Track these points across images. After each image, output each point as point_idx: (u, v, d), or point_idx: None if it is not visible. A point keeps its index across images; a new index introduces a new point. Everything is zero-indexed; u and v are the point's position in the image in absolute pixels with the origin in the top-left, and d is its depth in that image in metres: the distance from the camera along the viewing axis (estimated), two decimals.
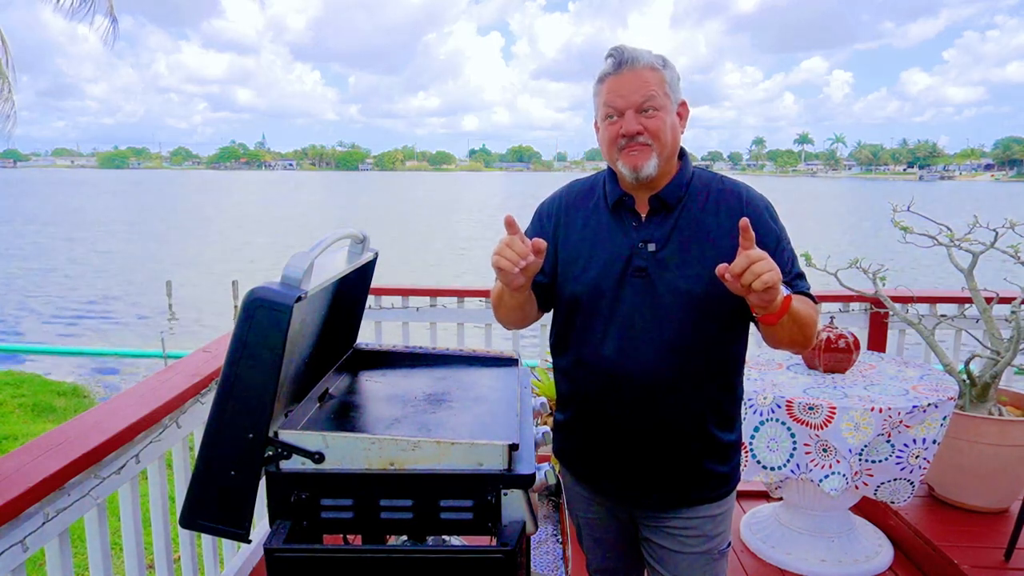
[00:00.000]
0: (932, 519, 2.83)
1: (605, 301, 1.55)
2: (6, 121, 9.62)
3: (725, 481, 1.64)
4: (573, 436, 1.70)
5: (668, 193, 1.54)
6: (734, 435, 1.65)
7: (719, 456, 1.61)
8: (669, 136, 1.51)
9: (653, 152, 1.49)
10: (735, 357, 1.60)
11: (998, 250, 2.87)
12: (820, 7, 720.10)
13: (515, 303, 1.61)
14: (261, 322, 1.33)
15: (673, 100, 1.52)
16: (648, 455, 1.59)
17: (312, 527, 1.44)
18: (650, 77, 1.48)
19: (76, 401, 8.51)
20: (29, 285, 19.42)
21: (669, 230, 1.53)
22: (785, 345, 1.50)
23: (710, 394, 1.57)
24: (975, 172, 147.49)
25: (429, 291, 3.52)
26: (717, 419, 1.59)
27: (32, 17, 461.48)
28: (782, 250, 1.53)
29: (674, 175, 1.56)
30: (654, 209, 1.55)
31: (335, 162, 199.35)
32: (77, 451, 1.65)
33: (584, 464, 1.70)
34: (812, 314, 1.50)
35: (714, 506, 1.63)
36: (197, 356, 2.48)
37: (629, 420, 1.57)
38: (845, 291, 3.21)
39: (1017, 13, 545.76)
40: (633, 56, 1.49)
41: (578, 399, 1.65)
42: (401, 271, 20.36)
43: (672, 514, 1.63)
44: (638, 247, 1.53)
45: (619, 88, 1.49)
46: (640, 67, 1.48)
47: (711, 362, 1.55)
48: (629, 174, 1.51)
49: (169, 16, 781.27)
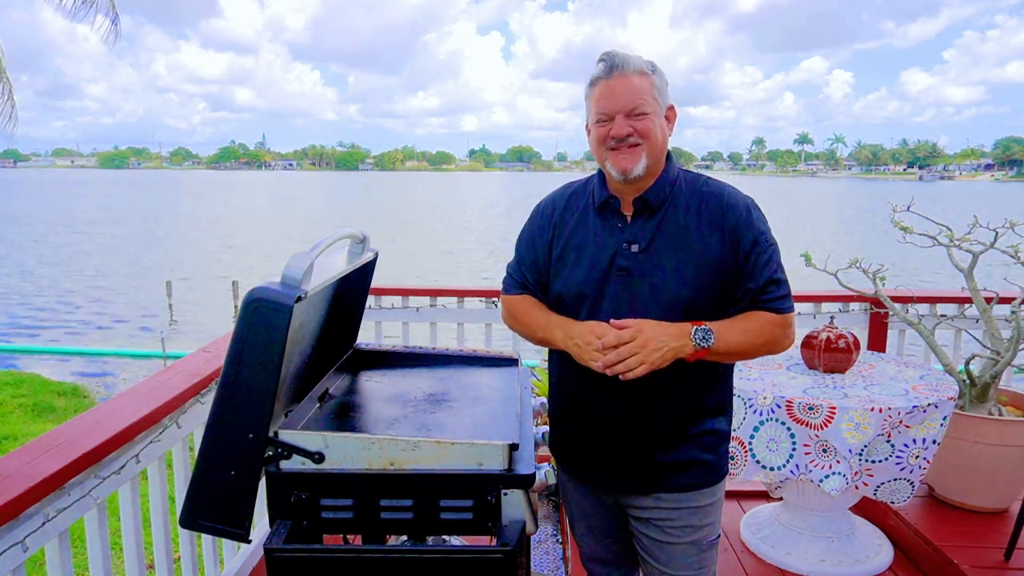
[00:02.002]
0: (932, 519, 2.83)
1: (588, 299, 1.59)
2: (8, 122, 9.61)
3: (711, 470, 1.66)
4: (562, 426, 1.74)
5: (652, 195, 1.58)
6: (721, 424, 1.67)
7: (704, 444, 1.64)
8: (659, 137, 1.56)
9: (643, 152, 1.54)
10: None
11: (998, 250, 2.87)
12: (820, 7, 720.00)
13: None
14: (261, 322, 1.33)
15: (661, 104, 1.57)
16: (629, 443, 1.62)
17: (312, 527, 1.44)
18: (639, 82, 1.53)
19: (76, 401, 8.51)
20: (29, 285, 19.42)
21: (652, 231, 1.57)
22: (747, 358, 1.64)
23: (691, 389, 1.60)
24: (975, 172, 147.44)
25: (429, 291, 3.52)
26: (700, 409, 1.62)
27: (30, 16, 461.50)
28: (759, 252, 1.55)
29: (658, 176, 1.60)
30: (638, 211, 1.60)
31: (335, 162, 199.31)
32: (77, 451, 1.65)
33: (573, 454, 1.74)
34: (757, 337, 1.55)
35: (700, 496, 1.66)
36: (197, 356, 2.48)
37: (610, 411, 1.61)
38: (845, 291, 3.20)
39: (1017, 13, 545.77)
40: (623, 61, 1.54)
41: (564, 392, 1.70)
42: (401, 271, 20.36)
43: (657, 503, 1.66)
44: (622, 247, 1.58)
45: (609, 93, 1.54)
46: (630, 72, 1.53)
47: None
48: (618, 175, 1.56)
49: (168, 16, 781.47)
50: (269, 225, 38.21)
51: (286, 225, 37.30)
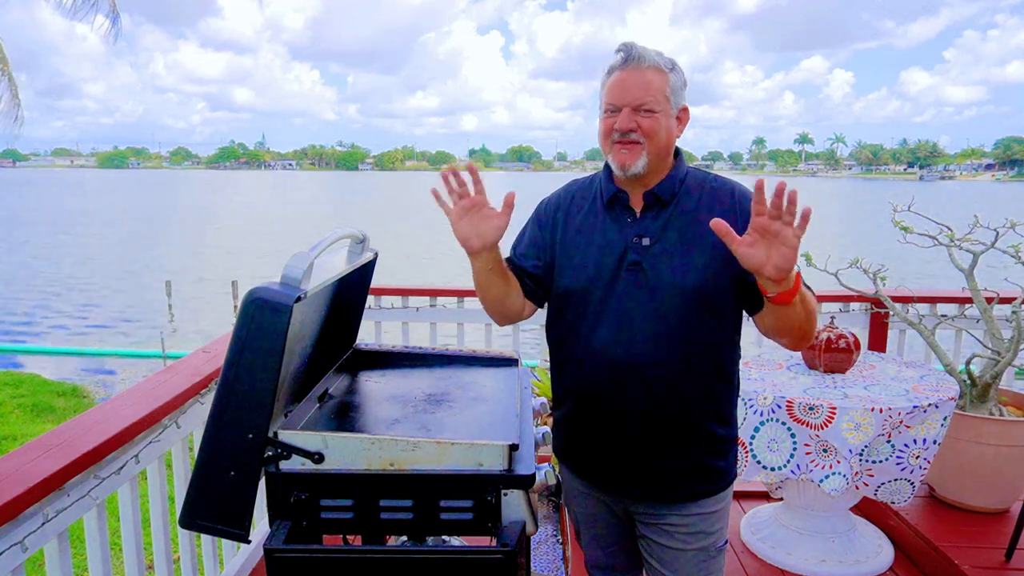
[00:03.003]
0: (932, 519, 2.83)
1: (598, 294, 1.57)
2: (14, 123, 9.61)
3: (721, 476, 1.64)
4: (570, 430, 1.71)
5: (662, 189, 1.57)
6: (731, 429, 1.66)
7: (715, 450, 1.62)
8: (663, 138, 1.53)
9: (643, 151, 1.52)
10: (729, 349, 1.62)
11: (998, 250, 2.87)
12: (820, 7, 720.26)
13: (493, 288, 1.63)
14: (261, 322, 1.32)
15: (673, 104, 1.54)
16: (642, 446, 1.60)
17: (312, 527, 1.44)
18: (653, 78, 1.51)
19: (76, 401, 8.51)
20: (29, 284, 19.41)
21: (663, 224, 1.56)
22: (788, 333, 1.50)
23: (704, 385, 1.58)
24: (976, 172, 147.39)
25: (429, 291, 3.51)
26: (712, 411, 1.60)
27: (28, 16, 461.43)
28: None
29: (668, 172, 1.59)
30: (648, 205, 1.58)
31: (335, 162, 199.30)
32: (76, 451, 1.65)
33: (581, 458, 1.71)
34: (815, 303, 1.52)
35: (710, 502, 1.64)
36: (197, 356, 2.48)
37: (623, 411, 1.58)
38: (845, 291, 3.20)
39: (1017, 12, 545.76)
40: (641, 54, 1.51)
41: (573, 393, 1.67)
42: (401, 271, 20.35)
43: (668, 510, 1.64)
44: (632, 242, 1.56)
45: (621, 84, 1.52)
46: (645, 66, 1.51)
47: (704, 354, 1.56)
48: (616, 170, 1.56)
49: (166, 15, 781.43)
50: (269, 225, 38.21)
51: (286, 225, 37.29)
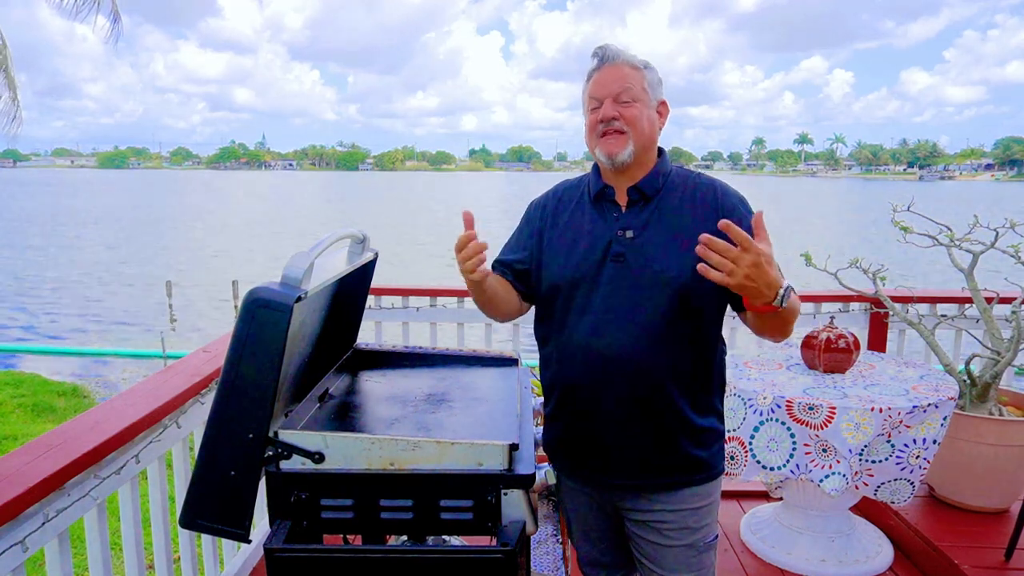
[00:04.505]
0: (932, 519, 2.83)
1: (584, 287, 1.61)
2: (12, 122, 9.61)
3: (703, 467, 1.65)
4: (556, 425, 1.73)
5: (646, 184, 1.62)
6: (714, 421, 1.67)
7: (696, 440, 1.63)
8: (645, 126, 1.59)
9: (629, 139, 1.58)
10: (711, 341, 1.64)
11: (998, 250, 2.87)
12: (820, 6, 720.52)
13: (488, 290, 1.67)
14: (261, 322, 1.33)
15: (652, 97, 1.62)
16: (621, 435, 1.61)
17: (312, 527, 1.44)
18: (629, 72, 1.60)
19: (76, 401, 8.51)
20: (29, 285, 19.42)
21: (647, 218, 1.61)
22: (770, 333, 1.56)
23: (684, 375, 1.60)
24: (975, 172, 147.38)
25: (429, 291, 3.51)
26: (692, 400, 1.62)
27: (28, 16, 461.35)
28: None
29: (652, 168, 1.64)
30: (633, 200, 1.63)
31: (335, 162, 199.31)
32: (77, 451, 1.65)
33: (567, 452, 1.73)
34: (798, 304, 1.55)
35: (695, 497, 1.65)
36: (197, 356, 2.48)
37: (602, 400, 1.60)
38: (845, 291, 3.20)
39: (1017, 12, 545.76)
40: (616, 53, 1.61)
41: (558, 386, 1.69)
42: (401, 271, 20.35)
43: (651, 503, 1.65)
44: (617, 235, 1.60)
45: (600, 80, 1.60)
46: (620, 62, 1.60)
47: (686, 344, 1.59)
48: (605, 160, 1.60)
49: (166, 15, 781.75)
50: (269, 225, 38.21)
51: (286, 225, 37.29)
